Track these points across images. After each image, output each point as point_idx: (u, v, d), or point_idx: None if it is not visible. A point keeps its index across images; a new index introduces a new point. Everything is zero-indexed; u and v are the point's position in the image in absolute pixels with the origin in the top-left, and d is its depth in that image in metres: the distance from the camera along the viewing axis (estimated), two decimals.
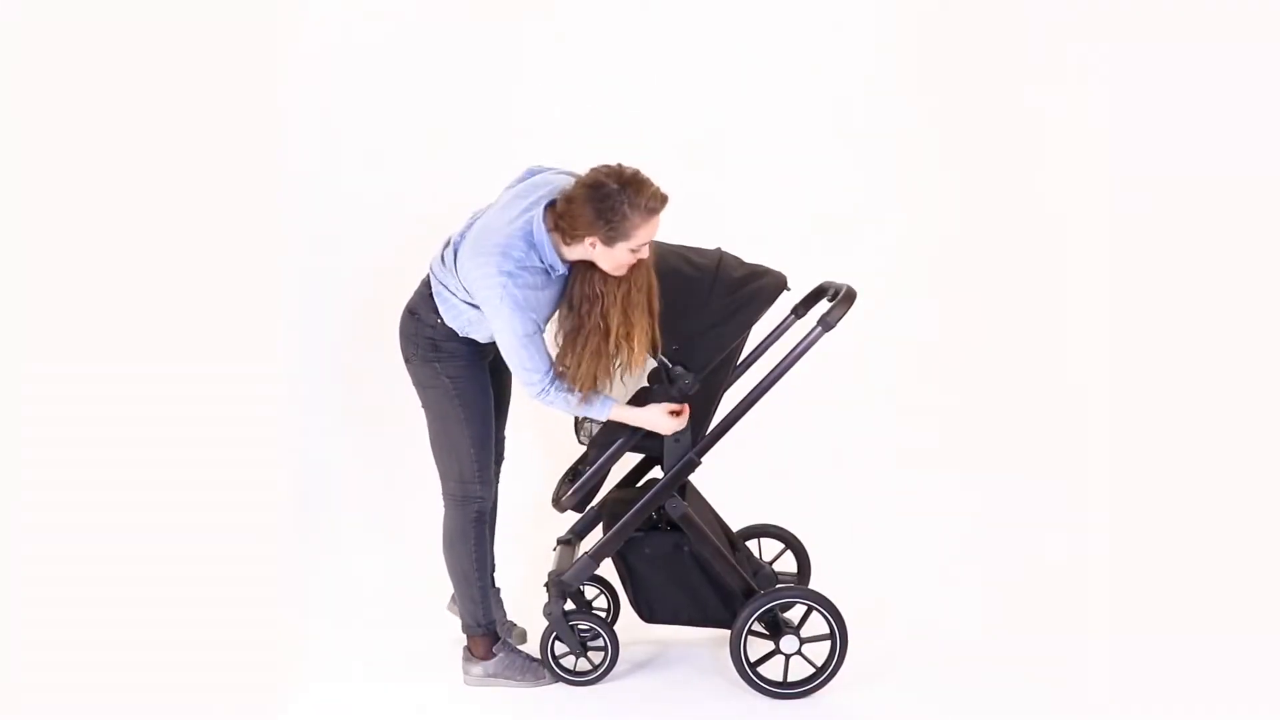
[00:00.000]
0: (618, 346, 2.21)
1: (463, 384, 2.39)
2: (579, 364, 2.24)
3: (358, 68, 3.52)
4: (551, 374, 2.26)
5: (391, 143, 3.55)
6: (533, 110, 3.52)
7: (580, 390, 2.26)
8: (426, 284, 2.40)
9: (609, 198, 2.10)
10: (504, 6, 3.53)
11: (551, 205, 2.20)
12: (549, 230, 2.19)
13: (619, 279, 2.21)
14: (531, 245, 2.18)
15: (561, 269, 2.24)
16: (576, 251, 2.20)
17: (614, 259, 2.17)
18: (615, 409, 2.34)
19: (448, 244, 2.36)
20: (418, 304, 2.40)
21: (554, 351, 2.31)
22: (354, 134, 3.55)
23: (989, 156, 3.61)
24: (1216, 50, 3.23)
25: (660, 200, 2.15)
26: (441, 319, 2.35)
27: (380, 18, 3.50)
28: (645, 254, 2.20)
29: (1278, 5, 3.17)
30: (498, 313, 2.17)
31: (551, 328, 2.33)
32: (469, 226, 2.32)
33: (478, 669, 2.53)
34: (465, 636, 2.56)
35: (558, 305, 2.30)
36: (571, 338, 2.25)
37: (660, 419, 2.35)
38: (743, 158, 3.59)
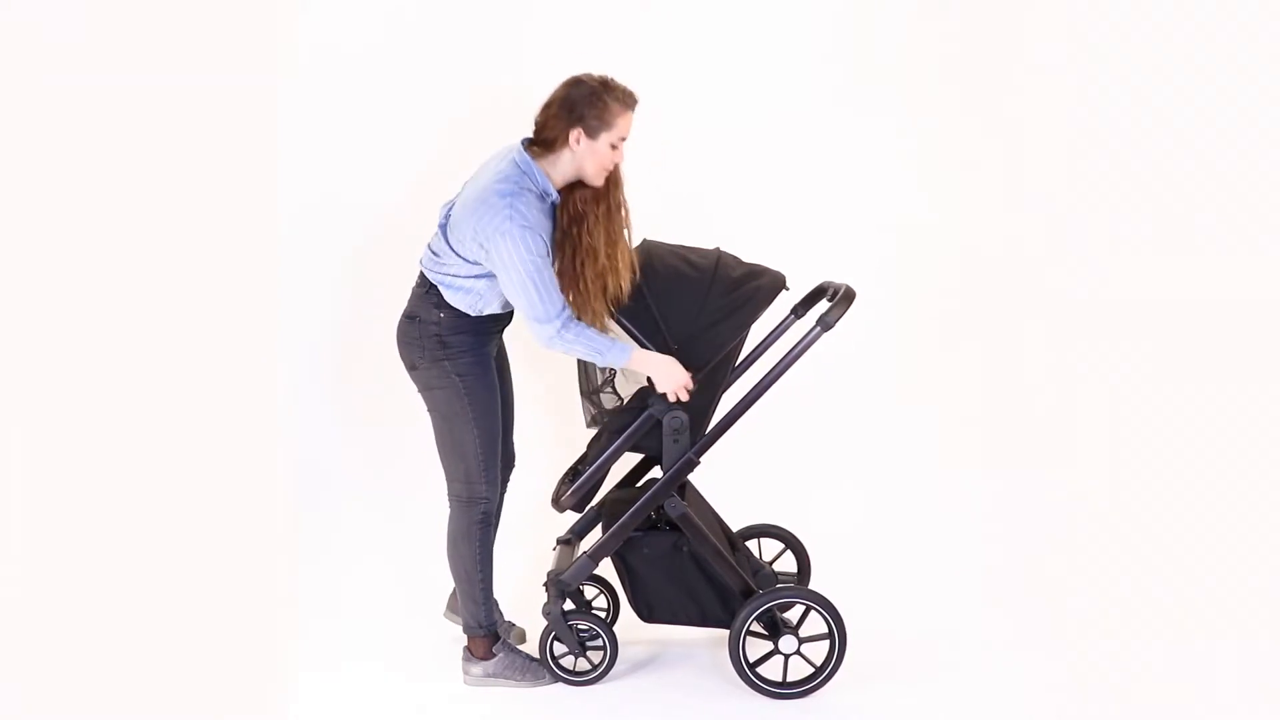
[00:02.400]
0: (606, 266, 2.26)
1: (472, 381, 2.39)
2: (588, 292, 2.27)
3: (358, 67, 3.51)
4: (567, 313, 2.27)
5: (388, 141, 3.55)
6: (532, 110, 3.52)
7: (595, 323, 2.29)
8: (421, 285, 2.42)
9: (590, 91, 2.23)
10: (504, 5, 3.53)
11: (527, 141, 2.30)
12: (533, 160, 2.28)
13: (598, 199, 2.30)
14: (524, 172, 2.26)
15: (554, 194, 2.30)
16: (562, 163, 2.28)
17: (598, 155, 2.25)
18: (635, 354, 2.31)
19: (434, 237, 2.41)
20: (416, 307, 2.41)
21: None
22: (350, 133, 3.55)
23: (990, 156, 3.60)
24: (1216, 52, 3.24)
25: (633, 97, 2.29)
26: (445, 313, 2.36)
27: (376, 18, 3.50)
28: (621, 158, 2.30)
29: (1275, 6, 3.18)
30: (508, 243, 2.18)
31: None
32: (450, 206, 2.38)
33: (477, 669, 2.53)
34: (465, 636, 2.57)
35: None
36: (569, 267, 2.29)
37: (673, 369, 2.32)
38: (742, 157, 3.59)
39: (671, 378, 2.33)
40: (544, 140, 2.27)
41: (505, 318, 2.48)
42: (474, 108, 3.50)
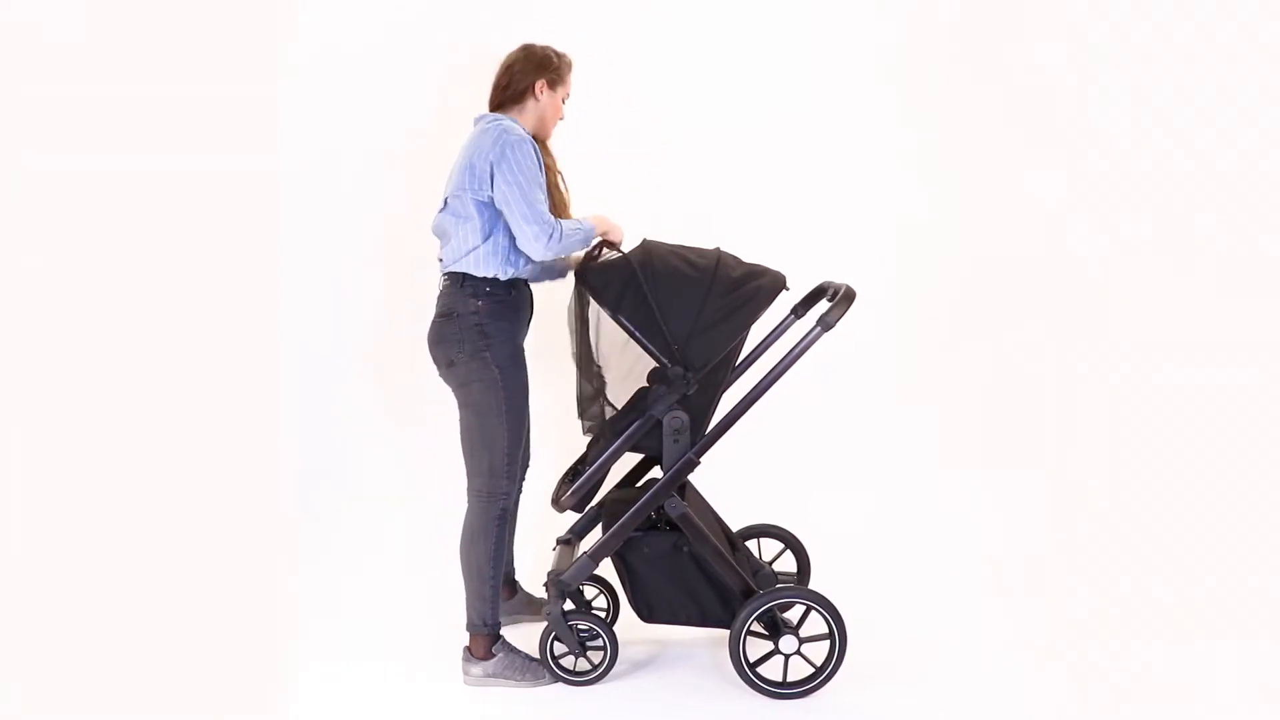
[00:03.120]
0: (561, 199, 2.57)
1: (510, 374, 2.46)
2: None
3: (358, 70, 3.52)
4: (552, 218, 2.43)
5: (387, 145, 3.55)
6: None
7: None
8: (453, 282, 2.48)
9: (544, 53, 2.57)
10: (505, 5, 3.53)
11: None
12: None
13: (543, 149, 2.56)
14: (498, 119, 2.50)
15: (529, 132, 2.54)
16: (526, 114, 2.55)
17: (555, 107, 2.59)
18: (593, 222, 2.51)
19: (443, 226, 2.51)
20: (450, 304, 2.47)
21: None
22: (350, 136, 3.54)
23: (990, 155, 3.60)
24: (1217, 51, 3.24)
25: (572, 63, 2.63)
26: (484, 300, 2.43)
27: (377, 28, 3.50)
28: (563, 115, 2.63)
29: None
30: (515, 152, 2.39)
31: None
32: (444, 204, 2.52)
33: (477, 669, 2.53)
34: (467, 636, 2.57)
35: None
36: None
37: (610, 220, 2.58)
38: (743, 157, 3.59)
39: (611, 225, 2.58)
40: (511, 94, 2.54)
41: (532, 304, 2.60)
42: (475, 109, 3.50)
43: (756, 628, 2.44)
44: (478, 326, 2.43)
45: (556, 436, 3.41)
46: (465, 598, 2.56)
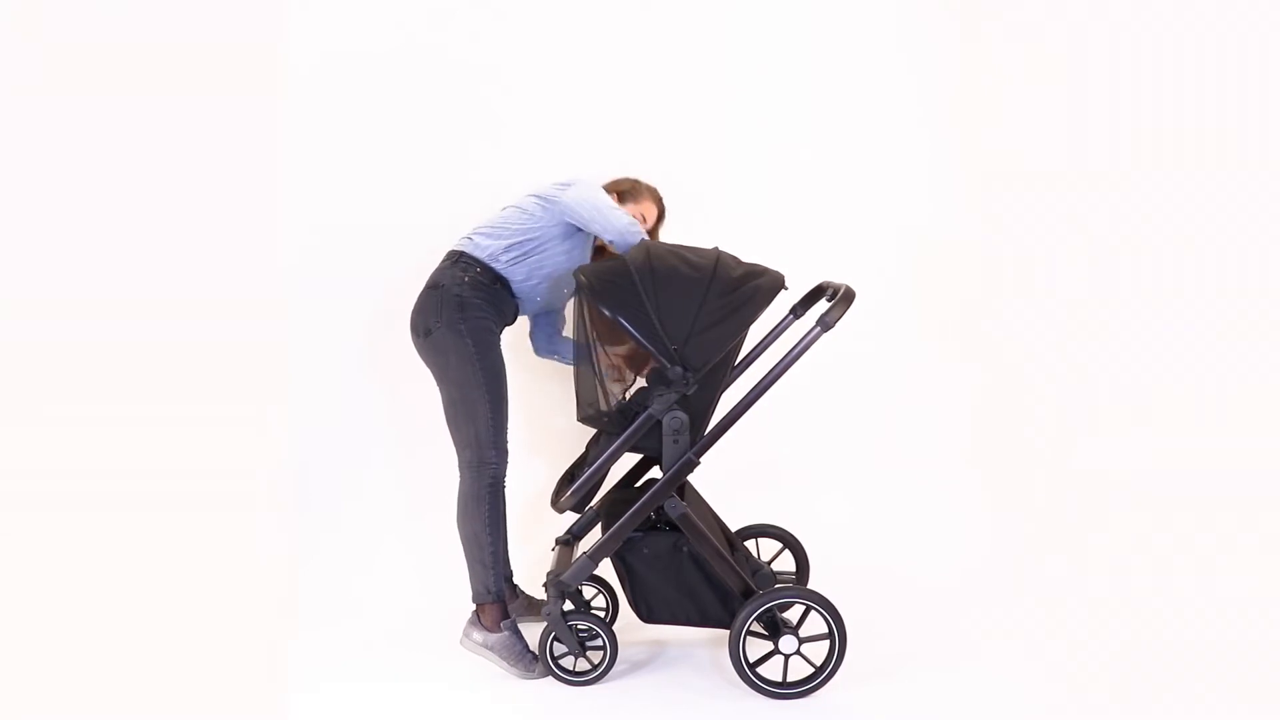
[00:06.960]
0: None
1: (484, 350, 2.56)
2: None
3: (361, 76, 3.51)
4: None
5: (386, 153, 3.53)
6: (534, 112, 3.52)
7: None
8: (445, 260, 2.66)
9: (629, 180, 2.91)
10: (507, 6, 3.53)
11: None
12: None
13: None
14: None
15: None
16: None
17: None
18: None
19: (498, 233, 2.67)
20: (438, 277, 2.62)
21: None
22: (351, 148, 3.52)
23: (990, 154, 3.60)
24: (1220, 52, 3.23)
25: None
26: (470, 275, 2.58)
27: (376, 33, 3.49)
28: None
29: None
30: (589, 187, 2.64)
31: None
32: (484, 228, 2.69)
33: (479, 636, 2.58)
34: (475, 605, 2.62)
35: None
36: None
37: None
38: (743, 157, 3.59)
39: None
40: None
41: (515, 313, 2.72)
42: (473, 106, 3.50)
43: (756, 628, 2.44)
44: (457, 298, 2.56)
45: (555, 437, 3.41)
46: (467, 570, 2.57)
